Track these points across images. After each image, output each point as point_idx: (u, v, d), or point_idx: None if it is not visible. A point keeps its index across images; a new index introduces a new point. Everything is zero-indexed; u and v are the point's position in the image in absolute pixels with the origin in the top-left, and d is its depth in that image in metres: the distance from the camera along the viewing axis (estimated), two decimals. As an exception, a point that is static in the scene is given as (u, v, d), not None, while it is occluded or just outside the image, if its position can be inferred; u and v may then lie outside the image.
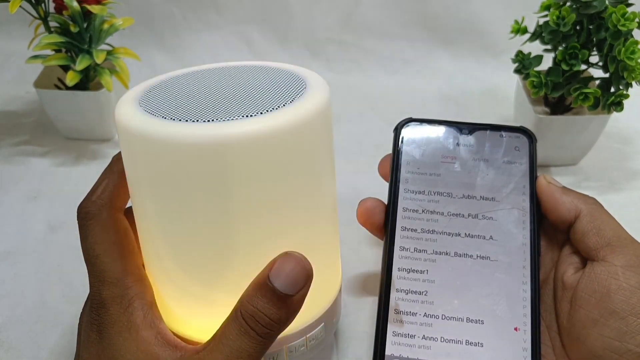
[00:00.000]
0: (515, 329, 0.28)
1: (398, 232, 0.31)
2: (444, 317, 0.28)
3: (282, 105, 0.22)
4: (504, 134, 0.33)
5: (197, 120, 0.20)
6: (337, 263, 0.28)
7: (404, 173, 0.32)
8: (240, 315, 0.22)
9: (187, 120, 0.21)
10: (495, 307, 0.28)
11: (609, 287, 0.25)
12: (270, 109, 0.21)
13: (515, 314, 0.28)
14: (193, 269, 0.23)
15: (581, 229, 0.28)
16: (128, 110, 0.22)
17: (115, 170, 0.26)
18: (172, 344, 0.23)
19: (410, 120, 0.34)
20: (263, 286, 0.22)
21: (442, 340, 0.28)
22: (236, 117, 0.21)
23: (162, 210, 0.22)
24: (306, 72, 0.26)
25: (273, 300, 0.22)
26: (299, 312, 0.23)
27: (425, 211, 0.31)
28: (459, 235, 0.30)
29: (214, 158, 0.20)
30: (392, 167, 0.32)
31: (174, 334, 0.24)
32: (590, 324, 0.25)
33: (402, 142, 0.33)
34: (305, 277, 0.22)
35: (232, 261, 0.23)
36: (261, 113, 0.21)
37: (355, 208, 0.31)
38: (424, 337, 0.28)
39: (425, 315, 0.29)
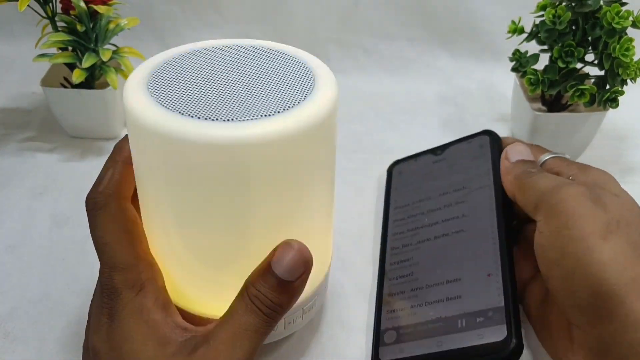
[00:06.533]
0: (489, 275, 0.30)
1: (389, 237, 0.37)
2: (427, 287, 0.32)
3: (295, 103, 0.22)
4: (470, 140, 0.39)
5: (217, 119, 0.21)
6: (329, 245, 0.30)
7: (392, 197, 0.40)
8: (247, 295, 0.23)
9: (206, 119, 0.21)
10: (469, 263, 0.31)
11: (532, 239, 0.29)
12: (284, 108, 0.22)
13: (487, 263, 0.30)
14: (206, 257, 0.24)
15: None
16: (139, 100, 0.22)
17: (119, 160, 0.26)
18: (181, 326, 0.24)
19: (396, 162, 0.43)
20: (266, 273, 0.23)
21: (426, 304, 0.31)
22: (253, 117, 0.21)
23: (177, 203, 0.23)
24: (311, 59, 0.27)
25: (275, 286, 0.23)
26: None
27: (410, 216, 0.37)
28: (437, 223, 0.35)
29: (234, 158, 0.21)
30: (385, 192, 0.41)
31: (183, 310, 0.25)
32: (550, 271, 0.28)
33: (391, 176, 0.42)
34: (304, 265, 0.24)
35: (242, 250, 0.24)
36: (278, 112, 0.21)
37: (354, 208, 0.33)
38: (411, 307, 0.31)
39: (412, 290, 0.32)
